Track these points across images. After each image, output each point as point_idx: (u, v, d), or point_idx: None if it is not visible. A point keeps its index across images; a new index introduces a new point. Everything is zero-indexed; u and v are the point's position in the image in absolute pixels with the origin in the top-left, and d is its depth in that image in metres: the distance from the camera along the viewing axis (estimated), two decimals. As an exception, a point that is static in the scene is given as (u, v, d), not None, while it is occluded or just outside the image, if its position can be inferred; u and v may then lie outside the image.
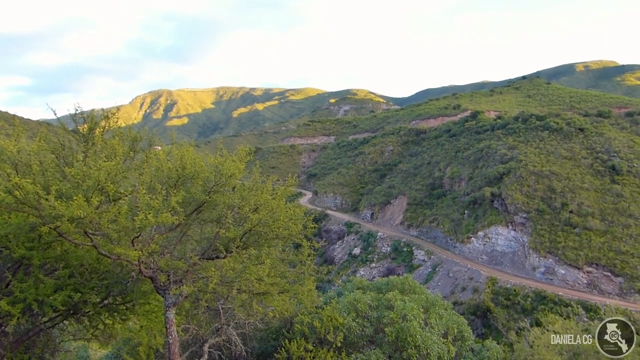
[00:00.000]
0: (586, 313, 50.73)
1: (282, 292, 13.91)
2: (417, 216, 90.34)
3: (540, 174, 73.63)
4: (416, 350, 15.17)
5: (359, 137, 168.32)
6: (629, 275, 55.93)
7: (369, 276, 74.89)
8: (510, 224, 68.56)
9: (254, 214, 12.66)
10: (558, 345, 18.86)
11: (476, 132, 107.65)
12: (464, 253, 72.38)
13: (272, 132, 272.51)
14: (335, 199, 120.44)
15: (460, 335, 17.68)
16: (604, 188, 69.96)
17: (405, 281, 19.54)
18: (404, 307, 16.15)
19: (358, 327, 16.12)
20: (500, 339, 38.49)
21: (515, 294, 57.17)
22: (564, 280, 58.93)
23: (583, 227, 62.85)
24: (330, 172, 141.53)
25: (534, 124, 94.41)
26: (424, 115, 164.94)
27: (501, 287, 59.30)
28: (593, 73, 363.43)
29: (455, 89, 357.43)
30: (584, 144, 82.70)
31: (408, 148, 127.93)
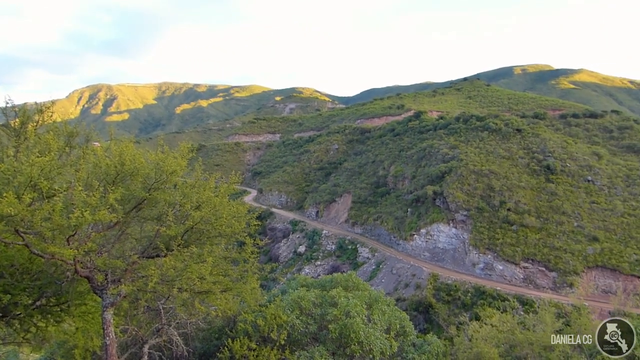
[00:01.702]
0: (522, 307, 52.75)
1: (225, 290, 13.75)
2: (361, 214, 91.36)
3: (480, 173, 76.02)
4: (359, 346, 15.33)
5: (305, 135, 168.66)
6: (562, 270, 58.56)
7: (314, 274, 75.17)
8: (452, 222, 70.44)
9: (195, 212, 12.46)
10: (495, 338, 19.53)
11: (419, 132, 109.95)
12: (407, 250, 73.79)
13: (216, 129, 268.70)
14: (281, 197, 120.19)
15: (403, 330, 18.01)
16: (540, 187, 73.00)
17: (349, 278, 19.71)
18: (348, 303, 16.29)
19: (302, 325, 16.13)
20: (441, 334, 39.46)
21: (456, 289, 58.79)
22: (502, 275, 61.07)
23: (520, 224, 65.34)
24: (275, 170, 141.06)
25: (475, 124, 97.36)
26: (368, 115, 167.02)
27: (443, 283, 60.83)
28: (530, 76, 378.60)
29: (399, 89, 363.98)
30: (521, 144, 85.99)
31: (353, 147, 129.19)
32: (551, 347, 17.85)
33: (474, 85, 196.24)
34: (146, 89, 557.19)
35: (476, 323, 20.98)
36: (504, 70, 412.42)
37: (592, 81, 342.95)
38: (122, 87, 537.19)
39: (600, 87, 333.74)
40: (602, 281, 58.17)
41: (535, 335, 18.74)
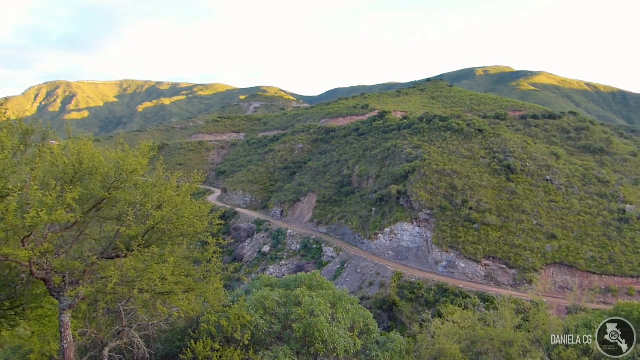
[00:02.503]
0: (483, 303, 53.79)
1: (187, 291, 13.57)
2: (326, 213, 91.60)
3: (443, 173, 77.20)
4: (323, 344, 15.36)
5: (269, 134, 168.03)
6: (521, 267, 60.00)
7: (279, 274, 74.98)
8: (415, 221, 71.30)
9: (157, 211, 12.26)
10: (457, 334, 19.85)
11: (383, 132, 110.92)
12: (371, 249, 74.33)
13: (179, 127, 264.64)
14: (245, 197, 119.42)
15: (367, 328, 18.14)
16: (501, 186, 74.61)
17: (313, 277, 19.73)
18: (312, 303, 16.29)
19: (266, 324, 16.06)
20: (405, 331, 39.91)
21: (420, 287, 59.55)
22: (464, 273, 62.17)
23: (481, 222, 66.65)
24: (240, 170, 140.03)
25: (438, 124, 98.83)
26: (333, 114, 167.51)
27: (406, 281, 61.51)
28: (491, 78, 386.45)
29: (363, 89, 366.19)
30: (483, 144, 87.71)
31: (318, 146, 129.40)
32: (510, 342, 18.26)
33: (437, 86, 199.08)
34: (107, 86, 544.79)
35: (439, 320, 21.30)
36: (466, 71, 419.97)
37: (551, 83, 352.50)
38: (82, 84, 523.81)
39: (558, 89, 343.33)
40: (559, 277, 59.86)
41: (495, 331, 19.14)
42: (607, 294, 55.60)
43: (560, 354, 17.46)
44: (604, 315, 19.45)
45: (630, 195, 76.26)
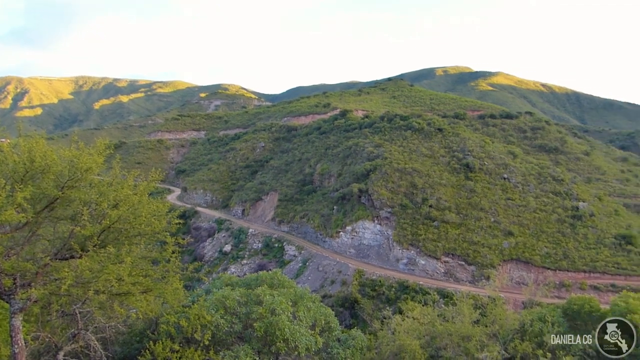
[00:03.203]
0: (443, 299, 54.68)
1: (145, 291, 13.31)
2: (288, 212, 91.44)
3: (404, 171, 78.13)
4: (285, 343, 15.33)
5: (230, 132, 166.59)
6: (479, 264, 61.30)
7: (240, 273, 74.44)
8: (376, 219, 71.93)
9: (113, 210, 11.97)
10: (417, 330, 20.12)
11: (345, 130, 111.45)
12: (333, 247, 74.60)
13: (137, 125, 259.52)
14: (206, 196, 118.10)
15: (328, 326, 18.21)
16: (460, 184, 76.03)
17: (275, 276, 19.68)
18: (273, 301, 16.25)
19: (227, 324, 15.92)
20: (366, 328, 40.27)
21: (381, 284, 60.11)
22: (424, 270, 63.08)
23: (441, 220, 67.75)
24: (200, 168, 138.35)
25: (399, 123, 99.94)
26: (295, 113, 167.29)
27: (368, 278, 61.98)
28: (451, 77, 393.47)
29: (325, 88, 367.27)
30: (443, 143, 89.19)
31: (279, 145, 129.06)
32: (469, 336, 18.62)
33: (398, 86, 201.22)
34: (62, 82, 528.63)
35: (399, 317, 21.56)
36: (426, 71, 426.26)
37: (508, 84, 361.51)
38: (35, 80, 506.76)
39: (515, 89, 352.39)
40: (516, 273, 61.42)
41: (454, 326, 19.49)
42: (561, 289, 57.35)
43: (516, 348, 17.92)
44: (557, 309, 20.05)
45: (583, 193, 78.93)
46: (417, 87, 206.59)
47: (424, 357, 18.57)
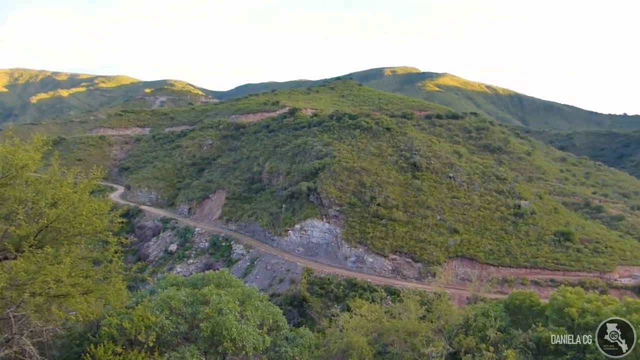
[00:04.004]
0: (390, 296, 55.52)
1: (86, 293, 12.80)
2: (236, 210, 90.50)
3: (352, 170, 78.76)
4: (232, 343, 15.12)
5: (177, 129, 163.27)
6: (426, 261, 62.55)
7: (186, 272, 73.12)
8: (325, 217, 72.21)
9: (51, 209, 11.44)
10: (365, 327, 20.28)
11: (294, 129, 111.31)
12: (281, 246, 74.39)
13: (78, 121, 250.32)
14: (150, 194, 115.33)
15: (276, 325, 18.11)
16: (407, 183, 77.35)
17: (222, 275, 19.38)
18: (220, 301, 16.00)
19: (172, 325, 15.54)
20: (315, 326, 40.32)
21: (329, 282, 60.41)
22: (372, 267, 63.81)
23: (389, 218, 68.71)
24: (145, 166, 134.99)
25: (347, 122, 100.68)
26: (243, 110, 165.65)
27: (316, 277, 62.17)
28: (399, 78, 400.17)
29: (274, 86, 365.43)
30: (391, 142, 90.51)
31: (227, 142, 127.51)
32: (415, 332, 18.91)
33: (347, 85, 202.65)
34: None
35: (347, 314, 21.70)
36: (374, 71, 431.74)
37: (454, 85, 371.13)
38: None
39: (461, 90, 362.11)
40: (461, 270, 63.05)
41: (400, 323, 19.77)
42: (504, 284, 59.26)
43: (460, 342, 18.35)
44: (499, 304, 20.69)
45: (524, 191, 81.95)
46: (365, 87, 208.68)
47: (372, 354, 18.76)
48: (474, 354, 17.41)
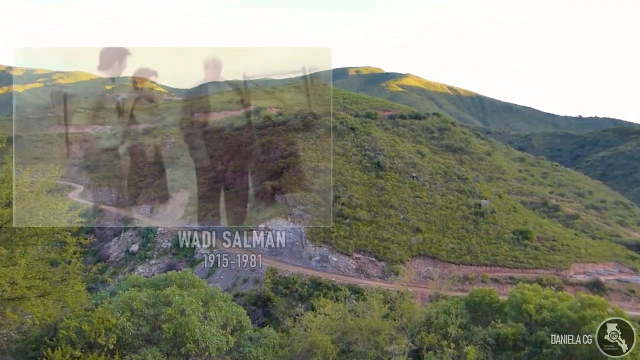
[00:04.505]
0: (354, 295, 55.83)
1: (42, 295, 12.46)
2: (199, 210, 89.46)
3: (317, 169, 78.88)
4: (195, 344, 14.99)
5: (138, 127, 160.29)
6: (389, 260, 63.16)
7: (148, 273, 71.87)
8: (290, 216, 72.07)
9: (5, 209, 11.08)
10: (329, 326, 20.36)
11: (259, 127, 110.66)
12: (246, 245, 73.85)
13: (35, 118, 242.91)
14: (111, 193, 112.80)
15: (240, 325, 18.05)
16: (371, 182, 77.96)
17: (184, 276, 19.19)
18: (183, 302, 15.83)
19: (133, 327, 15.29)
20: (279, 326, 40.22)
21: (294, 282, 60.38)
22: (336, 267, 64.05)
23: (353, 217, 69.09)
24: (105, 164, 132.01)
25: (312, 121, 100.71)
26: (207, 109, 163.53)
27: (281, 276, 62.04)
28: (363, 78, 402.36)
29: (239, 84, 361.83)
30: (355, 141, 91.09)
31: (191, 141, 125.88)
32: (378, 330, 19.09)
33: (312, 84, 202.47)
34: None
35: (311, 313, 21.73)
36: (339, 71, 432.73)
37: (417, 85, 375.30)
38: None
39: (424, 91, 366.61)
40: (423, 268, 63.93)
41: (364, 321, 19.92)
42: (465, 282, 60.37)
43: (422, 339, 18.63)
44: (460, 301, 21.09)
45: (485, 191, 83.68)
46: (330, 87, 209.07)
47: (335, 353, 18.85)
48: (435, 350, 17.70)
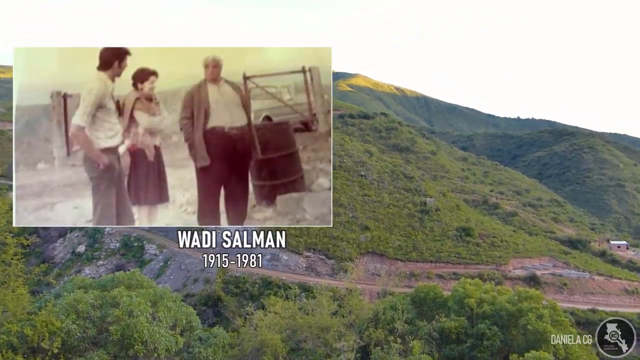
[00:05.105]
0: (304, 293, 56.20)
1: (-19, 299, 12.12)
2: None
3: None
4: (143, 345, 14.87)
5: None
6: (339, 257, 63.86)
7: (96, 275, 69.94)
8: (240, 215, 71.71)
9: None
10: (278, 325, 20.56)
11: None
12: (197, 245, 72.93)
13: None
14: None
15: (189, 325, 18.02)
16: (320, 181, 78.50)
17: (133, 276, 18.97)
18: (131, 302, 15.67)
19: (79, 329, 15.02)
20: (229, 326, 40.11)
21: (245, 281, 60.16)
22: (287, 265, 64.22)
23: (302, 216, 69.43)
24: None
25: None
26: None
27: (232, 276, 61.66)
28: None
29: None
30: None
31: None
32: (327, 327, 19.44)
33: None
34: None
35: (261, 312, 21.87)
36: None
37: (366, 85, 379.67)
38: None
39: (372, 91, 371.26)
40: (371, 265, 64.99)
41: (313, 319, 20.23)
42: (411, 278, 61.71)
43: (370, 335, 19.10)
44: (406, 297, 21.74)
45: (430, 189, 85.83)
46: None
47: (285, 351, 19.06)
48: (382, 346, 18.18)
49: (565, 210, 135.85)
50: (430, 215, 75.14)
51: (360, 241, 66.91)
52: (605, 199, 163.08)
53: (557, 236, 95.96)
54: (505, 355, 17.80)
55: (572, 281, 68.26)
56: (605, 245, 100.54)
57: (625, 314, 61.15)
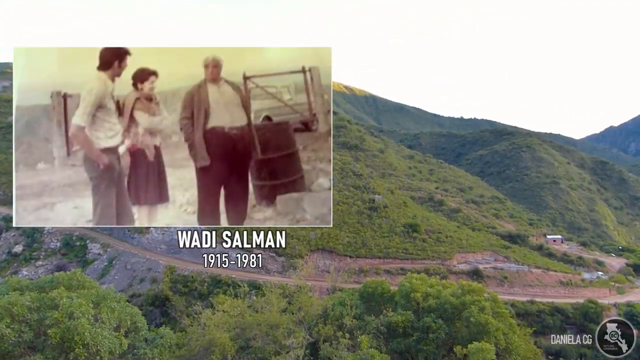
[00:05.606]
0: (254, 291, 55.81)
1: None
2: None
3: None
4: (85, 348, 14.36)
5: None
6: (289, 255, 63.78)
7: (34, 276, 67.28)
8: (187, 213, 70.54)
9: None
10: (227, 323, 20.34)
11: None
12: (142, 244, 71.27)
13: None
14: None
15: (134, 326, 17.54)
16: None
17: (74, 277, 18.26)
18: (71, 304, 15.07)
19: (14, 334, 14.33)
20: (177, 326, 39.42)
21: (193, 280, 59.24)
22: (237, 263, 63.62)
23: (253, 213, 69.01)
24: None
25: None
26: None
27: (179, 275, 60.61)
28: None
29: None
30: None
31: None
32: (277, 325, 19.38)
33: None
34: None
35: (209, 311, 21.58)
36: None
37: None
38: None
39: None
40: (321, 262, 65.31)
41: (263, 316, 20.14)
42: (360, 274, 62.39)
43: (319, 332, 19.16)
44: (355, 293, 21.93)
45: (378, 186, 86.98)
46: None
47: (234, 349, 18.88)
48: (331, 342, 18.28)
49: (506, 206, 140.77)
50: (379, 212, 76.14)
51: (310, 238, 67.04)
52: (542, 195, 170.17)
53: (498, 231, 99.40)
54: (450, 347, 18.26)
55: (512, 274, 70.90)
56: (542, 240, 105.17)
57: (561, 304, 64.07)
